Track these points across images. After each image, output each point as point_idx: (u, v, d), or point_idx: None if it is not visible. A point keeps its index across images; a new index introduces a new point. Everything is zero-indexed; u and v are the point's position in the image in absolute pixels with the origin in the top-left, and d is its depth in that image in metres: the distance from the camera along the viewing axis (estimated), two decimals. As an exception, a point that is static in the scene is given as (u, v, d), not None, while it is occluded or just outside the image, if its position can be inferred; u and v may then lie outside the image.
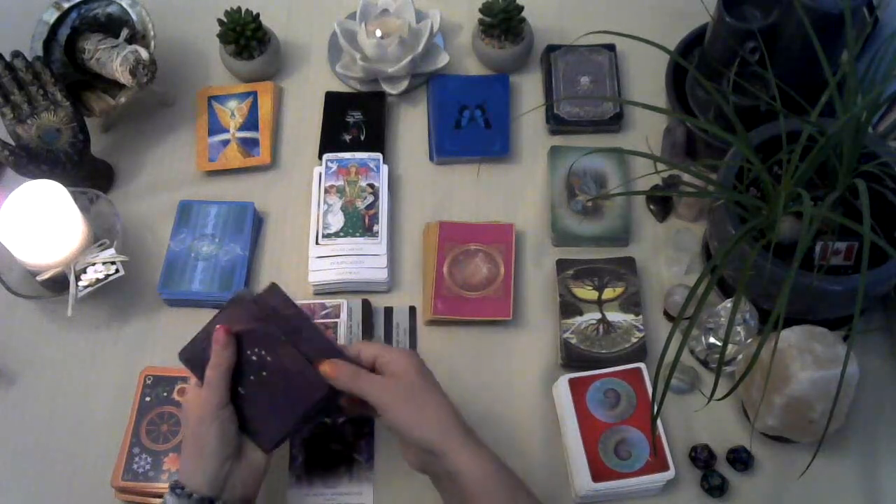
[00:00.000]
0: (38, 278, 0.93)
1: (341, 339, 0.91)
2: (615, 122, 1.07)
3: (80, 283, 0.91)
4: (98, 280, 0.91)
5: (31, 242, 0.90)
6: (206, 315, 0.95)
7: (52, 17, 1.03)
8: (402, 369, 0.75)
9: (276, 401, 0.76)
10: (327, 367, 0.75)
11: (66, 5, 1.04)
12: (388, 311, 0.96)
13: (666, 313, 0.95)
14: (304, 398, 0.76)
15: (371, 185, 1.02)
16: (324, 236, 0.98)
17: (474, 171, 1.06)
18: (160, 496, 0.83)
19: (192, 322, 0.96)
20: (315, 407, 0.77)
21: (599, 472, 0.83)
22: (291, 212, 1.04)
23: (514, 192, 1.05)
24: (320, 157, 1.05)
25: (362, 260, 0.97)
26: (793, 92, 0.85)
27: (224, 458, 0.73)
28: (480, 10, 1.10)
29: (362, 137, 1.07)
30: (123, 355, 0.95)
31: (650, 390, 0.87)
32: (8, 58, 0.98)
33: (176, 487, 0.72)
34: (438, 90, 1.10)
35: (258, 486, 0.76)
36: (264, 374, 0.76)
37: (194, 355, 0.78)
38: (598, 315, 0.93)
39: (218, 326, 0.77)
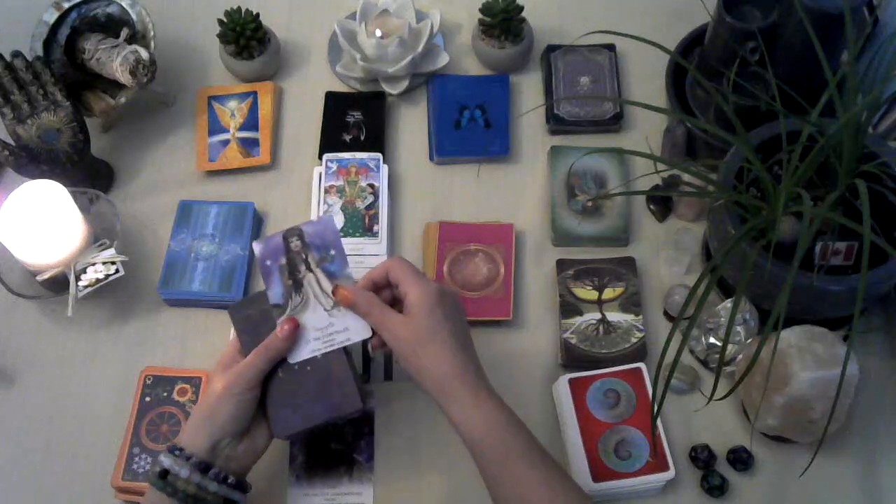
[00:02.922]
0: (38, 278, 0.93)
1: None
2: (615, 122, 1.07)
3: (80, 283, 0.91)
4: (98, 280, 0.91)
5: (31, 242, 0.90)
6: (207, 315, 0.96)
7: (52, 17, 1.03)
8: (416, 307, 0.74)
9: (308, 398, 0.77)
10: (345, 292, 0.77)
11: (66, 5, 1.04)
12: (388, 311, 0.96)
13: (666, 313, 0.95)
14: (335, 407, 0.78)
15: (371, 185, 1.02)
16: (324, 236, 0.98)
17: (474, 171, 1.06)
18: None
19: (192, 322, 0.96)
20: (342, 419, 0.77)
21: (599, 472, 0.83)
22: (291, 212, 1.04)
23: (514, 192, 1.05)
24: (320, 157, 1.05)
25: (362, 260, 0.97)
26: (793, 92, 0.85)
27: (232, 434, 0.74)
28: (480, 10, 1.10)
29: (362, 137, 1.07)
30: (123, 355, 0.95)
31: (650, 390, 0.87)
32: (8, 58, 0.98)
33: (175, 448, 0.72)
34: (438, 90, 1.10)
35: (252, 464, 0.77)
36: (308, 368, 0.78)
37: (249, 323, 0.79)
38: (598, 315, 0.93)
39: (291, 318, 0.77)
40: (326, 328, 0.78)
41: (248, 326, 0.79)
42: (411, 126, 1.10)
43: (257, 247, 0.79)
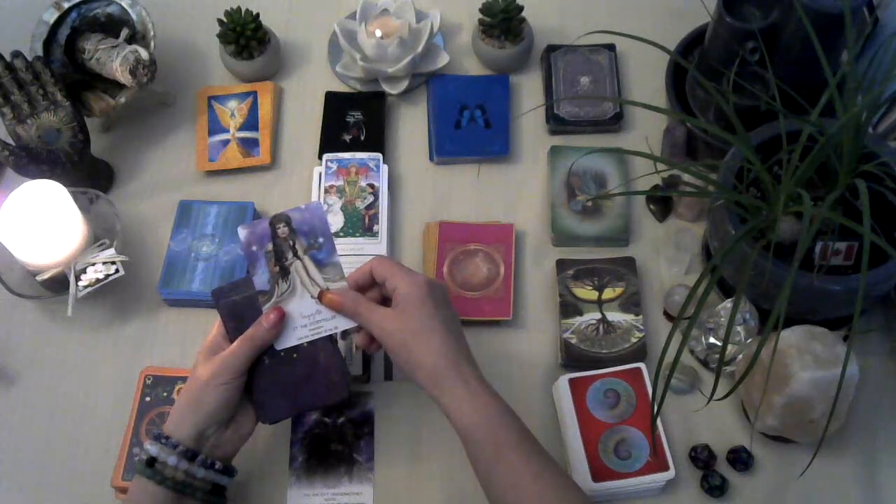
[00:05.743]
0: (38, 278, 0.93)
1: (340, 340, 0.91)
2: (615, 122, 1.07)
3: (80, 283, 0.91)
4: (98, 280, 0.91)
5: (31, 242, 0.90)
6: (207, 315, 0.96)
7: (52, 17, 1.03)
8: (406, 300, 0.74)
9: (295, 385, 0.77)
10: (331, 297, 0.77)
11: (66, 5, 1.04)
12: (388, 311, 0.96)
13: (666, 313, 0.95)
14: (323, 395, 0.78)
15: (371, 185, 1.02)
16: (324, 236, 0.98)
17: (474, 171, 1.06)
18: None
19: (191, 322, 0.96)
20: (328, 406, 0.77)
21: (599, 472, 0.83)
22: (291, 212, 1.04)
23: (514, 192, 1.05)
24: (320, 157, 1.05)
25: (362, 260, 0.96)
26: (793, 92, 0.85)
27: (217, 421, 0.74)
28: (480, 10, 1.10)
29: (362, 137, 1.07)
30: (123, 355, 0.95)
31: (650, 390, 0.87)
32: (8, 58, 0.98)
33: (161, 437, 0.73)
34: (438, 90, 1.10)
35: (238, 448, 0.77)
36: (295, 355, 0.78)
37: (234, 308, 0.78)
38: (598, 315, 0.93)
39: (277, 307, 0.77)
40: (314, 315, 0.78)
41: (234, 312, 0.78)
42: (411, 126, 1.10)
43: (242, 232, 0.78)
